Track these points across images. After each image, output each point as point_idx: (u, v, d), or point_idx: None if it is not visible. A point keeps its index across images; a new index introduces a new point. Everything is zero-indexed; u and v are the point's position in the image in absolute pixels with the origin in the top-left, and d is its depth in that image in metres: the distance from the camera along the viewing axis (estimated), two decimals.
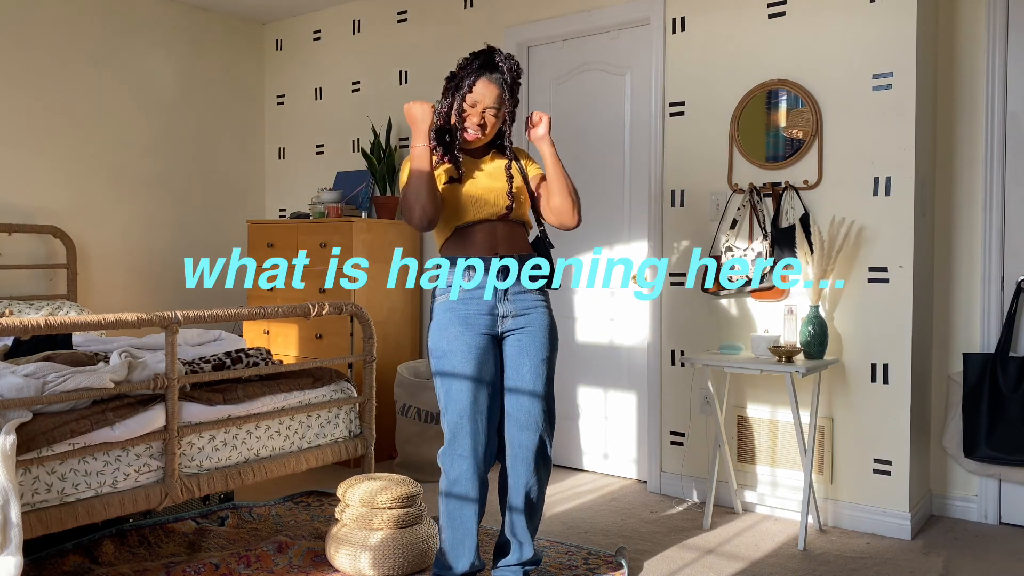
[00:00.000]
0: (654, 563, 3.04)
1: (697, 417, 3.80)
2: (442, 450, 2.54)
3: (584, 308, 4.25)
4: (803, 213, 3.49)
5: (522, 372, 2.55)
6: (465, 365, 2.48)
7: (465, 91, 2.52)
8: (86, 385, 2.65)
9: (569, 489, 3.96)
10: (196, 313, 2.88)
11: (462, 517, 2.53)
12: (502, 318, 2.54)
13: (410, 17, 4.82)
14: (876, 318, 3.38)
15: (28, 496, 2.47)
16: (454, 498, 2.52)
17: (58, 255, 4.65)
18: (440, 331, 2.52)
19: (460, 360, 2.49)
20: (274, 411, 3.18)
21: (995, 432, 3.32)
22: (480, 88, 2.52)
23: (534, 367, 2.55)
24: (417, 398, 4.12)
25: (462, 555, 2.55)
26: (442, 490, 2.54)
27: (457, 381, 2.49)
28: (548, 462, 2.62)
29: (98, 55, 4.79)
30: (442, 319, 2.53)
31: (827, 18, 3.46)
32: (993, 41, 3.42)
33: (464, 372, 2.48)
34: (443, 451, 2.53)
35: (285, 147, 5.52)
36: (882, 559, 3.09)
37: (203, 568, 2.82)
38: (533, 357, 2.56)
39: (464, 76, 2.53)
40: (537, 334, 2.57)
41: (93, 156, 4.79)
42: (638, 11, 3.94)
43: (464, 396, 2.48)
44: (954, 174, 3.55)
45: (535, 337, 2.57)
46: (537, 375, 2.55)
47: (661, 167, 3.89)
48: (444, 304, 2.54)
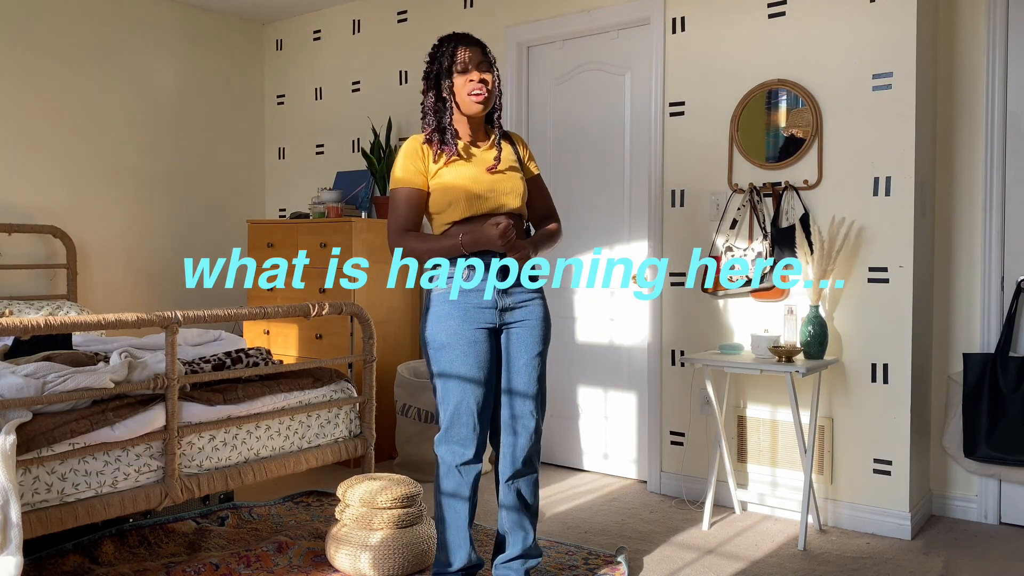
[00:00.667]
0: (654, 563, 3.04)
1: (697, 417, 3.80)
2: (438, 437, 2.55)
3: (584, 308, 4.25)
4: (803, 213, 3.49)
5: (518, 366, 2.58)
6: (465, 358, 2.49)
7: (449, 63, 2.51)
8: (86, 385, 2.65)
9: (569, 489, 3.96)
10: (196, 313, 2.88)
11: (457, 508, 2.54)
12: (500, 311, 2.54)
13: (410, 17, 4.82)
14: (876, 318, 3.38)
15: (28, 496, 2.47)
16: (449, 488, 2.54)
17: (58, 255, 4.65)
18: (438, 323, 2.52)
19: (459, 353, 2.49)
20: (274, 411, 3.18)
21: (995, 432, 3.32)
22: (461, 54, 2.51)
23: (529, 361, 2.58)
24: (417, 398, 4.12)
25: (458, 548, 2.56)
26: (437, 480, 2.56)
27: (456, 373, 2.50)
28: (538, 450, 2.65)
29: (98, 55, 4.79)
30: (440, 311, 2.52)
31: (827, 18, 3.46)
32: (993, 41, 3.42)
33: (463, 367, 2.49)
34: (439, 438, 2.55)
35: (285, 147, 5.52)
36: (882, 559, 3.09)
37: (203, 568, 2.82)
38: (529, 351, 2.59)
39: (440, 56, 2.54)
40: (535, 327, 2.60)
41: (93, 156, 4.79)
42: (638, 11, 3.94)
43: (463, 391, 2.50)
44: (954, 174, 3.55)
45: (532, 331, 2.59)
46: (532, 369, 2.59)
47: (661, 167, 3.89)
48: (443, 295, 2.53)
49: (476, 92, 2.50)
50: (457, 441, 2.51)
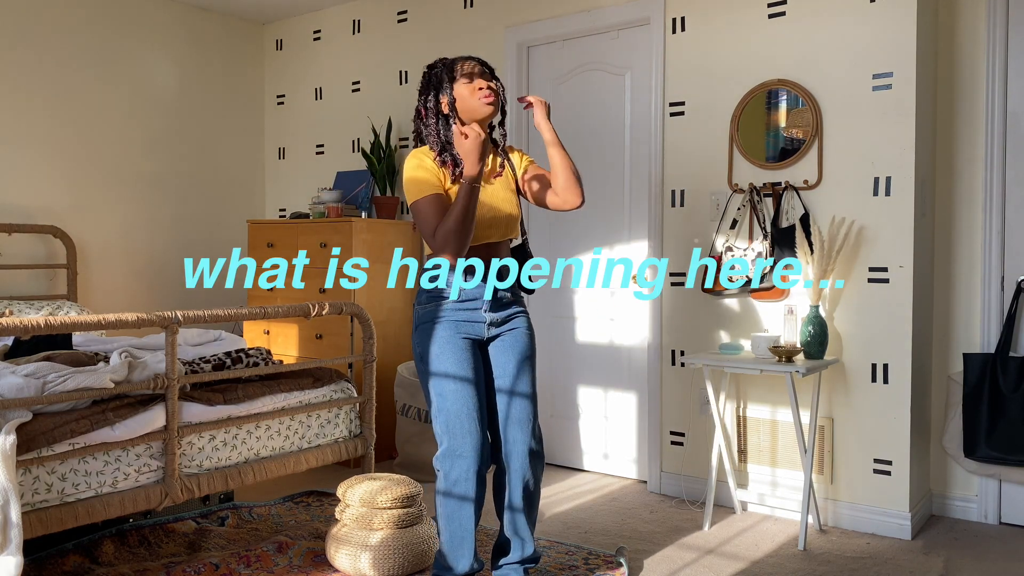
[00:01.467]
0: (654, 563, 3.04)
1: (697, 417, 3.80)
2: (439, 454, 2.51)
3: (584, 308, 4.25)
4: (803, 213, 3.49)
5: (511, 370, 2.58)
6: (458, 366, 2.49)
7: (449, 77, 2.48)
8: (86, 385, 2.65)
9: (569, 489, 3.96)
10: (196, 313, 2.88)
11: (461, 518, 2.52)
12: (489, 325, 2.55)
13: (410, 17, 4.82)
14: (876, 318, 3.38)
15: (28, 496, 2.47)
16: (454, 499, 2.51)
17: (58, 255, 4.65)
18: (429, 336, 2.52)
19: (453, 362, 2.49)
20: (274, 411, 3.18)
21: (995, 432, 3.32)
22: (462, 66, 2.50)
23: (521, 364, 2.59)
24: (417, 398, 4.13)
25: (462, 556, 2.54)
26: (440, 491, 2.53)
27: (452, 382, 2.49)
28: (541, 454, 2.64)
29: (98, 55, 4.79)
30: (428, 325, 2.53)
31: (827, 18, 3.46)
32: (993, 41, 3.42)
33: (458, 373, 2.49)
34: (440, 455, 2.50)
35: (285, 147, 5.52)
36: (882, 559, 3.09)
37: (203, 568, 2.82)
38: (520, 355, 2.59)
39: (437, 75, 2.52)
40: (520, 336, 2.62)
41: (93, 156, 4.79)
42: (638, 11, 3.95)
43: (461, 396, 2.48)
44: (954, 174, 3.55)
45: (518, 339, 2.61)
46: (525, 371, 2.60)
47: (661, 167, 3.89)
48: (430, 311, 2.54)
49: (485, 96, 2.47)
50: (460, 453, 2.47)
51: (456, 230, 2.36)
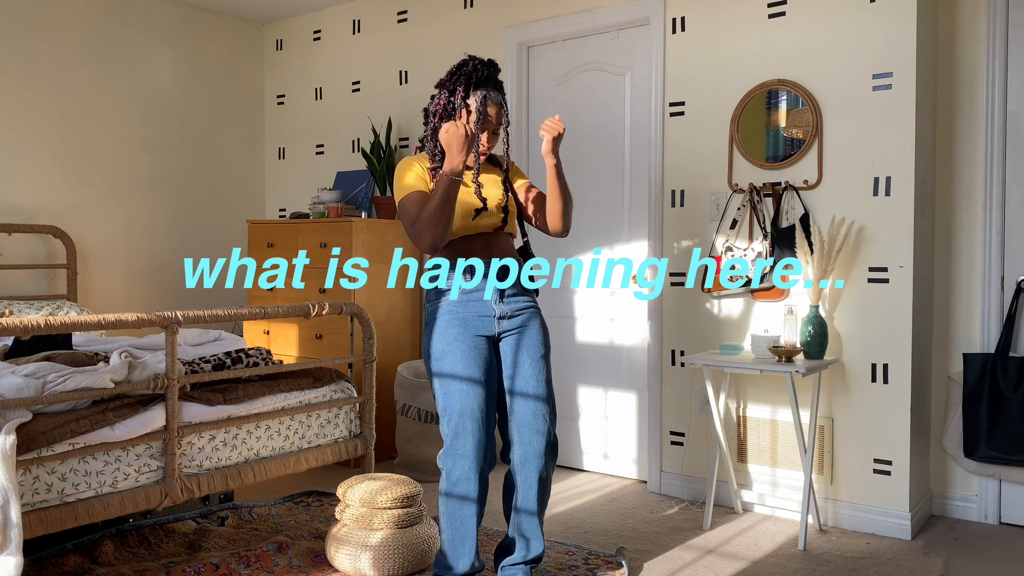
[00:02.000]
0: (654, 563, 3.04)
1: (697, 417, 3.80)
2: (442, 452, 2.53)
3: (584, 308, 4.25)
4: (803, 213, 3.49)
5: (524, 370, 2.57)
6: (466, 365, 2.49)
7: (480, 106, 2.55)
8: (86, 385, 2.65)
9: (569, 489, 3.96)
10: (196, 313, 2.88)
11: (463, 517, 2.52)
12: (499, 319, 2.55)
13: (410, 17, 4.82)
14: (876, 318, 3.38)
15: (28, 496, 2.47)
16: (455, 498, 2.51)
17: (58, 255, 4.65)
18: (438, 333, 2.53)
19: (461, 361, 2.49)
20: (274, 411, 3.18)
21: (995, 432, 3.32)
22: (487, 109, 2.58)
23: (535, 363, 2.58)
24: (417, 398, 4.12)
25: (463, 555, 2.55)
26: (443, 491, 2.54)
27: (458, 382, 2.49)
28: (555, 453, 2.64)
29: (98, 55, 4.79)
30: (440, 322, 2.54)
31: (827, 18, 3.46)
32: (993, 41, 3.42)
33: (465, 372, 2.49)
34: (444, 452, 2.52)
35: (285, 147, 5.52)
36: (882, 559, 3.09)
37: (203, 568, 2.82)
38: (533, 354, 2.58)
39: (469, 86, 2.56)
40: (533, 334, 2.61)
41: (93, 156, 4.79)
42: (638, 11, 3.95)
43: (466, 396, 2.48)
44: (954, 174, 3.55)
45: (532, 336, 2.60)
46: (539, 371, 2.58)
47: (661, 167, 3.89)
48: (442, 307, 2.55)
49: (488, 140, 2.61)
50: (463, 453, 2.48)
51: (432, 220, 2.41)
